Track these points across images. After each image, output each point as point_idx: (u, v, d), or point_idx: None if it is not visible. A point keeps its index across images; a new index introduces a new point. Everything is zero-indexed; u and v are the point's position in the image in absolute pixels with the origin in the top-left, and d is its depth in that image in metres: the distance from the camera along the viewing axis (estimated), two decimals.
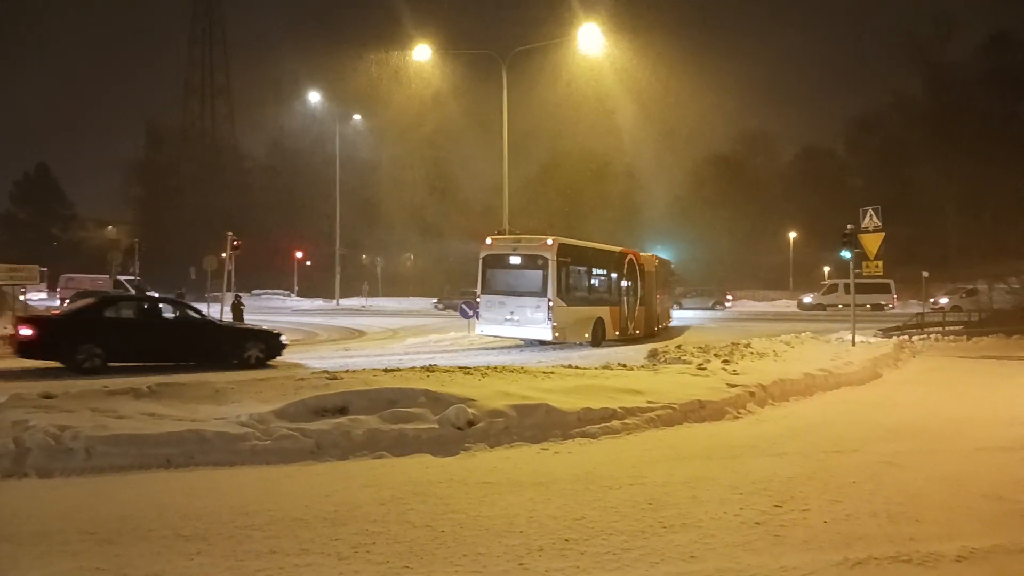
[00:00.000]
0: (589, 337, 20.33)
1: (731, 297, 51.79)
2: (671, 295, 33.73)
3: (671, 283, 32.54)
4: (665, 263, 29.56)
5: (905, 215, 45.14)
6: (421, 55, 30.06)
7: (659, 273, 26.41)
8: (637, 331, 23.19)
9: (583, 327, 20.19)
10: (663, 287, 28.03)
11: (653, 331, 24.66)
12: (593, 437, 7.98)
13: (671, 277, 32.00)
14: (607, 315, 21.40)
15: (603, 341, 20.74)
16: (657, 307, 25.99)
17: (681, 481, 6.29)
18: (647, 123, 60.91)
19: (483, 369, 11.14)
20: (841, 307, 40.30)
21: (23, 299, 27.03)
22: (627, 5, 52.23)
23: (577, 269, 20.86)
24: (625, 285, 22.91)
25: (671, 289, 33.23)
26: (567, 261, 19.89)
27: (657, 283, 25.79)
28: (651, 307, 24.76)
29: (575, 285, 20.58)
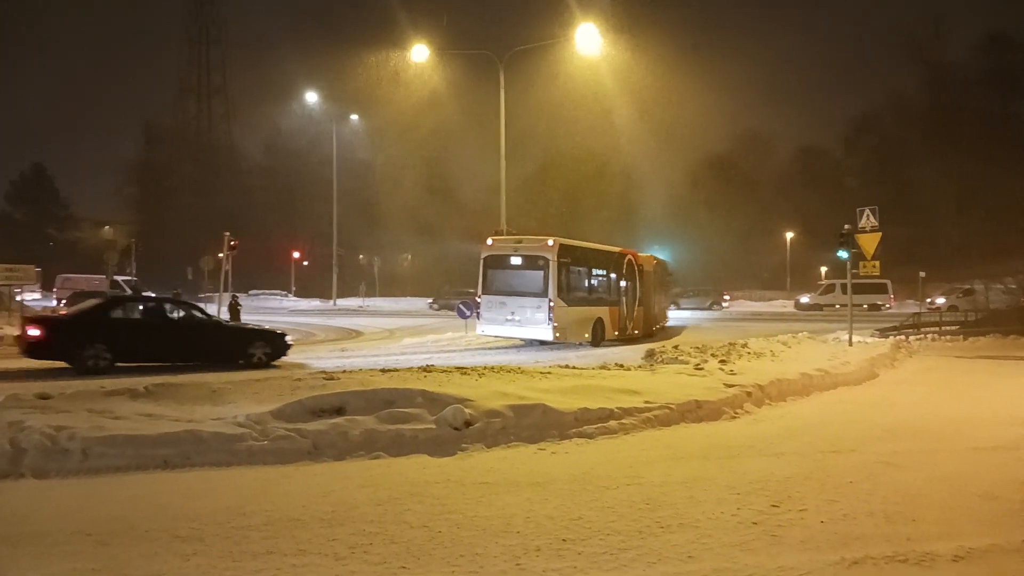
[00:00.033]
0: (589, 337, 20.35)
1: (728, 297, 51.78)
2: (668, 295, 33.77)
3: (668, 283, 32.58)
4: (662, 263, 29.60)
5: (902, 215, 45.20)
6: (419, 55, 30.06)
7: (657, 273, 26.46)
8: (636, 331, 23.21)
9: (583, 327, 20.21)
10: (661, 287, 28.06)
11: (651, 331, 24.68)
12: (590, 437, 7.98)
13: (668, 277, 32.03)
14: (606, 315, 21.42)
15: (602, 341, 20.77)
16: (655, 307, 26.04)
17: (678, 481, 6.29)
18: (645, 123, 61.06)
19: (480, 369, 11.13)
20: (838, 307, 40.37)
21: (19, 299, 27.04)
22: (625, 5, 52.37)
23: (577, 269, 20.90)
24: (624, 285, 22.93)
25: (668, 289, 33.27)
26: (568, 262, 19.93)
27: (655, 283, 25.83)
28: (649, 307, 24.78)
29: (575, 285, 20.61)
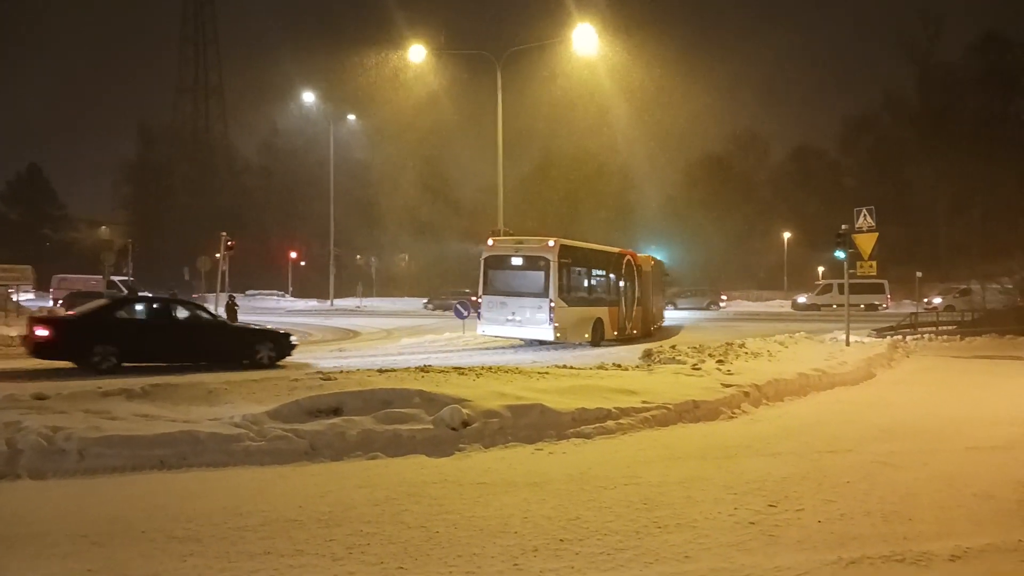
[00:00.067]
0: (589, 337, 20.36)
1: (725, 297, 51.80)
2: (665, 295, 33.82)
3: (665, 283, 32.63)
4: (660, 264, 29.67)
5: (899, 215, 45.37)
6: (416, 56, 30.07)
7: (655, 274, 26.51)
8: (634, 331, 23.23)
9: (583, 327, 20.22)
10: (658, 288, 28.10)
11: (649, 331, 24.72)
12: (588, 437, 7.97)
13: (665, 277, 32.10)
14: (606, 315, 21.44)
15: (602, 341, 20.79)
16: (653, 307, 26.09)
17: (676, 481, 6.29)
18: (641, 123, 61.30)
19: (478, 369, 11.12)
20: (835, 307, 40.42)
21: (15, 300, 26.99)
22: (622, 5, 52.46)
23: (577, 270, 20.94)
24: (623, 285, 22.97)
25: (665, 289, 33.32)
26: (568, 262, 19.95)
27: (653, 284, 25.87)
28: (648, 307, 24.84)
29: (576, 286, 20.65)
